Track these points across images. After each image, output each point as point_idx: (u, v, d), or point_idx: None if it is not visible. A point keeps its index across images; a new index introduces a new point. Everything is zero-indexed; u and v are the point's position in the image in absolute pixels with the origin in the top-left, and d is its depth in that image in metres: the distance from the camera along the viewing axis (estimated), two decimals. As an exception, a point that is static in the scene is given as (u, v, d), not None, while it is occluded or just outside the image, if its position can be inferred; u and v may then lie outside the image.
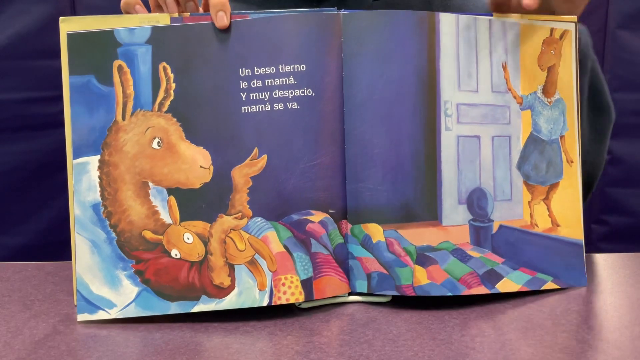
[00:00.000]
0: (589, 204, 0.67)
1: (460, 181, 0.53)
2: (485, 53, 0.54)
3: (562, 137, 0.56)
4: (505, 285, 0.53)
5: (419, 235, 0.52)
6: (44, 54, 0.71)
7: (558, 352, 0.44)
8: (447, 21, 0.52)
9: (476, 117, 0.53)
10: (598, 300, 0.53)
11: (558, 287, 0.55)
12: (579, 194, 0.56)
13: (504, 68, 0.54)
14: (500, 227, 0.54)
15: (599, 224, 1.23)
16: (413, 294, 0.51)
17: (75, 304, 0.51)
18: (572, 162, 0.56)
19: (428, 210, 0.52)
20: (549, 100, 0.56)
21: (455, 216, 0.52)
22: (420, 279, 0.51)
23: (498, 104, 0.54)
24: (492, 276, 0.53)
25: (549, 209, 0.55)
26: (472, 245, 0.53)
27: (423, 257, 0.52)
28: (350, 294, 0.53)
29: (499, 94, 0.54)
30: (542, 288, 0.54)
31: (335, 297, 0.53)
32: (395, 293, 0.52)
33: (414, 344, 0.46)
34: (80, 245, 0.50)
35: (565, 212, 0.56)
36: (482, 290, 0.52)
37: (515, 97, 0.55)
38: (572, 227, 0.56)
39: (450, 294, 0.51)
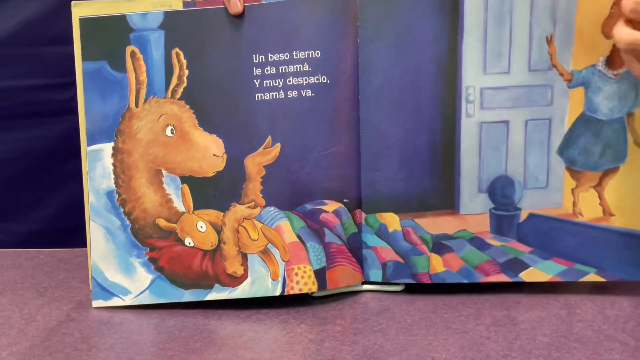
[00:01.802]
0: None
1: (481, 169, 0.51)
2: (523, 28, 0.50)
3: (630, 115, 0.49)
4: (532, 275, 0.51)
5: (435, 224, 0.51)
6: (54, 40, 0.70)
7: (574, 341, 0.44)
8: None
9: (505, 101, 0.51)
10: (613, 289, 0.53)
11: (603, 279, 0.51)
12: None
13: (549, 42, 0.49)
14: (530, 215, 0.51)
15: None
16: (429, 282, 0.51)
17: (91, 289, 0.51)
18: None
19: (445, 199, 0.51)
20: (615, 72, 0.48)
21: (474, 205, 0.51)
22: (437, 266, 0.51)
23: (536, 84, 0.50)
24: (516, 265, 0.51)
25: (600, 196, 0.50)
26: (493, 234, 0.51)
27: (439, 246, 0.51)
28: (363, 283, 0.53)
29: (539, 72, 0.50)
30: (583, 280, 0.51)
31: (348, 286, 0.52)
32: (411, 281, 0.52)
33: (428, 333, 0.46)
34: (94, 232, 0.50)
35: (625, 201, 0.50)
36: (502, 278, 0.51)
37: (562, 74, 0.49)
38: (633, 217, 0.50)
39: (466, 281, 0.51)
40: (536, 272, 0.51)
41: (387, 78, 0.51)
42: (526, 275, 0.51)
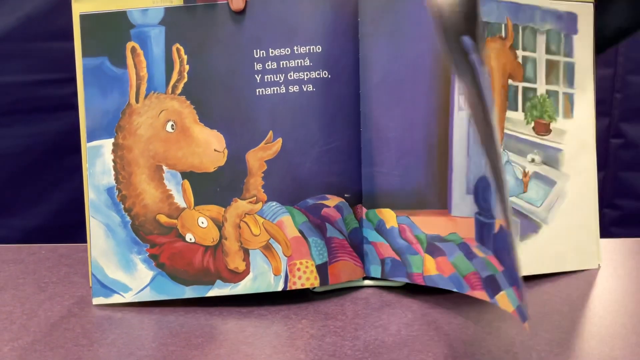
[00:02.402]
0: (601, 188, 0.58)
1: (469, 168, 0.48)
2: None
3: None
4: (503, 300, 0.42)
5: (429, 224, 0.50)
6: (55, 36, 0.70)
7: (575, 337, 0.44)
8: None
9: None
10: (614, 285, 0.53)
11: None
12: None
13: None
14: (500, 227, 0.41)
15: (611, 208, 1.22)
16: (423, 284, 0.50)
17: (91, 286, 0.52)
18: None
19: (439, 197, 0.50)
20: None
21: (463, 207, 0.49)
22: (430, 269, 0.50)
23: None
24: (493, 284, 0.44)
25: None
26: (477, 243, 0.47)
27: (432, 247, 0.50)
28: (364, 278, 0.53)
29: None
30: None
31: (350, 281, 0.52)
32: (406, 280, 0.51)
33: (430, 329, 0.45)
34: (94, 228, 0.50)
35: None
36: (483, 295, 0.46)
37: None
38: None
39: (456, 290, 0.48)
40: (505, 299, 0.42)
41: (386, 73, 0.50)
42: (499, 299, 0.42)
